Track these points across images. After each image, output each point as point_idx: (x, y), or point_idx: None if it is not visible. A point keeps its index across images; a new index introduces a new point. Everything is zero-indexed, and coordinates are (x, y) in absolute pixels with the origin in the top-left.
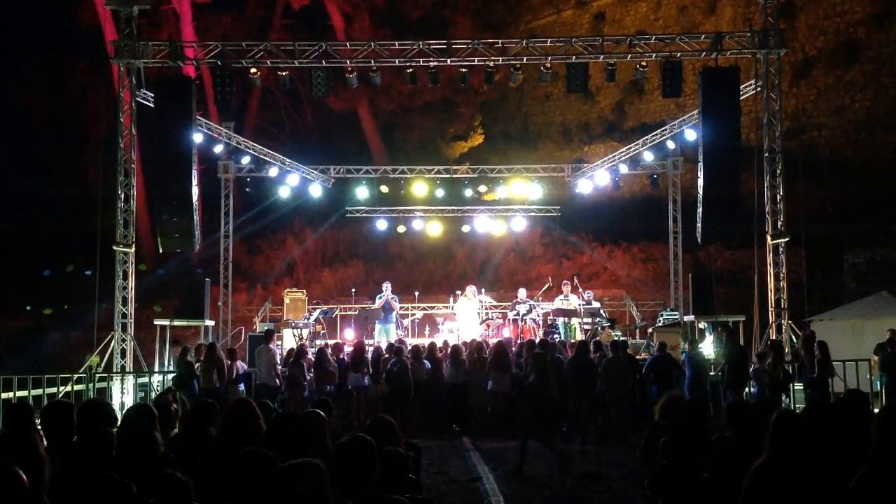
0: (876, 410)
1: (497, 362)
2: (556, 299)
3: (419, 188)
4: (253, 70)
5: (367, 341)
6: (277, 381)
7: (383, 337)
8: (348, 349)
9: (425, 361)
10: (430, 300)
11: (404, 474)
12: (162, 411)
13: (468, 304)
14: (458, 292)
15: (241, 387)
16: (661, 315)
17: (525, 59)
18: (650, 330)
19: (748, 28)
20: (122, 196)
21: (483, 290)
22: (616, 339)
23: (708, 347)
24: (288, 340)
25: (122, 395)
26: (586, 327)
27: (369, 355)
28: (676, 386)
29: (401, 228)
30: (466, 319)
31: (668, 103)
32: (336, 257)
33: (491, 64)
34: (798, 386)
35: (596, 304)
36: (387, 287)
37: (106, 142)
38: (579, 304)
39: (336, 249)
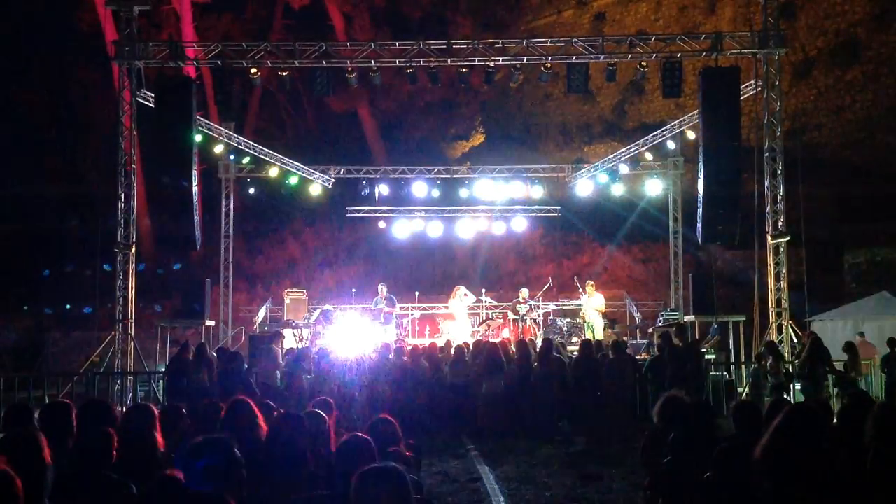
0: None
1: (489, 364)
2: (584, 298)
3: (419, 188)
4: (253, 70)
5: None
6: (278, 382)
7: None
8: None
9: (425, 361)
10: (430, 300)
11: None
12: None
13: (458, 303)
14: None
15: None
16: (661, 315)
17: (525, 59)
18: (650, 330)
19: (748, 28)
20: (122, 196)
21: (483, 290)
22: (617, 340)
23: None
24: (288, 340)
25: (122, 395)
26: None
27: (367, 356)
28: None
29: (401, 228)
30: (457, 319)
31: (668, 103)
32: (336, 257)
33: (491, 64)
34: (797, 385)
35: None
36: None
37: (106, 142)
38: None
39: (336, 249)
